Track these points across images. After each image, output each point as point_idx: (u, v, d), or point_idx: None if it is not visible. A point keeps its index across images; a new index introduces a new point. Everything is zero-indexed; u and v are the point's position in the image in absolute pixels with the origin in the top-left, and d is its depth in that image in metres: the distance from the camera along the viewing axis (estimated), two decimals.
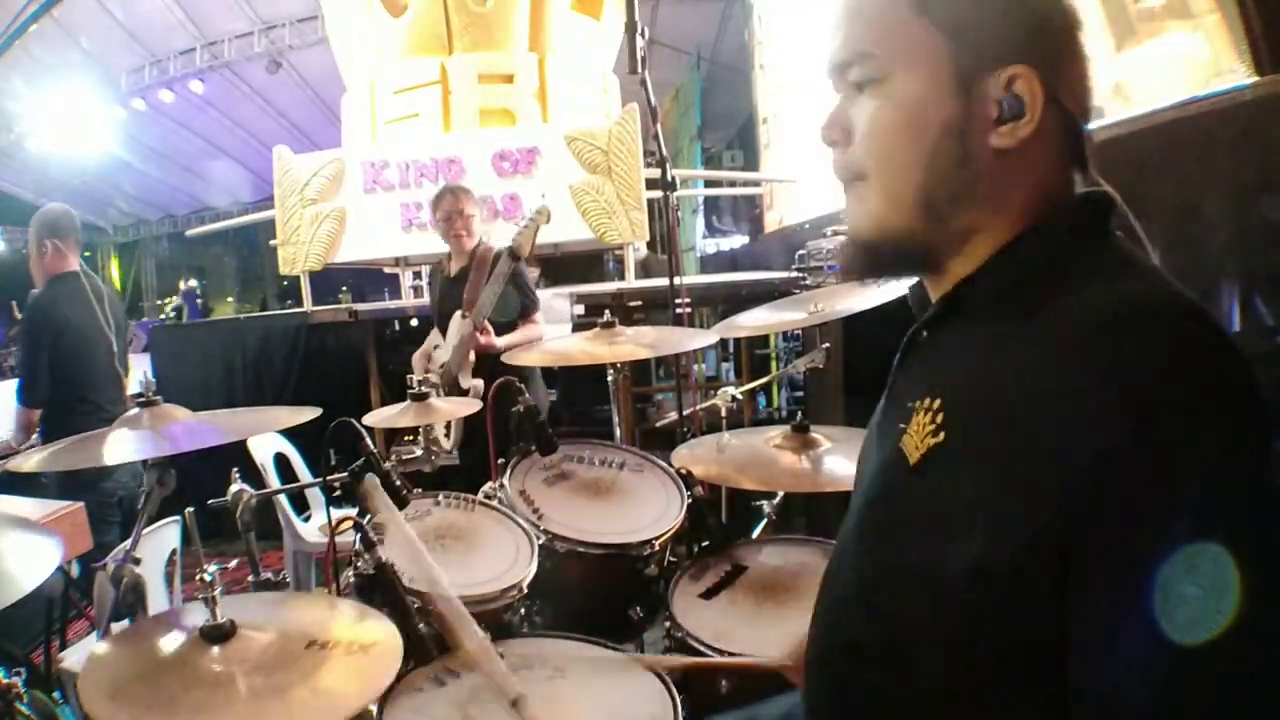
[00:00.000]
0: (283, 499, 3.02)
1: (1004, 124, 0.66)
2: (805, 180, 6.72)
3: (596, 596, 1.57)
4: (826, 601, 0.82)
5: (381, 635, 1.09)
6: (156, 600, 1.92)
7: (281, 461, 3.21)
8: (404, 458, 2.23)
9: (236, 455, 1.49)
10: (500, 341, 2.78)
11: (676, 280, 2.40)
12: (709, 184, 9.25)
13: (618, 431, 2.49)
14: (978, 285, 0.69)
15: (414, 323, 4.62)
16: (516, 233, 2.76)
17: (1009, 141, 0.66)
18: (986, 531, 0.58)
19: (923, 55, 0.67)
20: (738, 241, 10.96)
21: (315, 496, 3.36)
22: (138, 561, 1.25)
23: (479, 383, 2.79)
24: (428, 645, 1.23)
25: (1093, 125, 0.70)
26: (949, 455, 0.63)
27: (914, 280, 0.80)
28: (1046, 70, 0.65)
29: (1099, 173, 0.70)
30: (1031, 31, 0.66)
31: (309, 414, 1.42)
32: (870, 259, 0.74)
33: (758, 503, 1.90)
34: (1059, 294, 0.62)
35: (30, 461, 1.27)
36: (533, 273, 3.90)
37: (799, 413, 1.82)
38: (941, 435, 0.64)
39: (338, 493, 1.48)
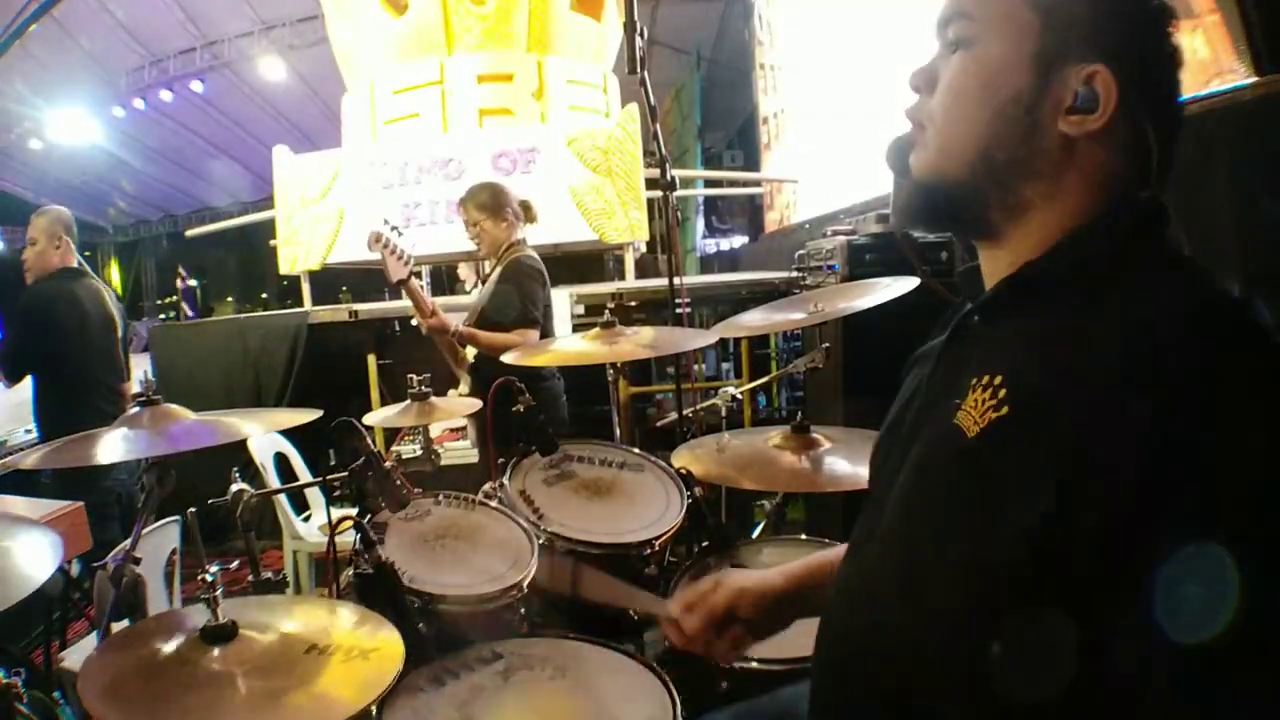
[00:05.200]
0: (283, 499, 3.02)
1: (1075, 114, 0.69)
2: (805, 180, 6.72)
3: None
4: (846, 598, 0.82)
5: (382, 642, 1.08)
6: (156, 600, 1.92)
7: (281, 461, 3.21)
8: (404, 457, 2.22)
9: (236, 455, 1.49)
10: (451, 323, 2.68)
11: (676, 280, 2.40)
12: (709, 184, 9.25)
13: (618, 431, 2.49)
14: (1044, 269, 0.71)
15: (414, 322, 4.60)
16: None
17: (1076, 130, 0.69)
18: (1043, 503, 0.59)
19: (1012, 27, 0.71)
20: (738, 241, 10.96)
21: (315, 496, 3.36)
22: (137, 561, 1.25)
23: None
24: (427, 645, 1.23)
25: None
26: (1013, 427, 0.64)
27: (970, 266, 0.81)
28: (1128, 78, 0.68)
29: None
30: (1122, 37, 0.69)
31: (308, 416, 1.43)
32: (926, 202, 0.77)
33: (758, 503, 1.90)
34: (1128, 289, 0.64)
35: (30, 459, 1.27)
36: None
37: (799, 413, 1.82)
38: (1005, 409, 0.65)
39: (338, 492, 1.47)
